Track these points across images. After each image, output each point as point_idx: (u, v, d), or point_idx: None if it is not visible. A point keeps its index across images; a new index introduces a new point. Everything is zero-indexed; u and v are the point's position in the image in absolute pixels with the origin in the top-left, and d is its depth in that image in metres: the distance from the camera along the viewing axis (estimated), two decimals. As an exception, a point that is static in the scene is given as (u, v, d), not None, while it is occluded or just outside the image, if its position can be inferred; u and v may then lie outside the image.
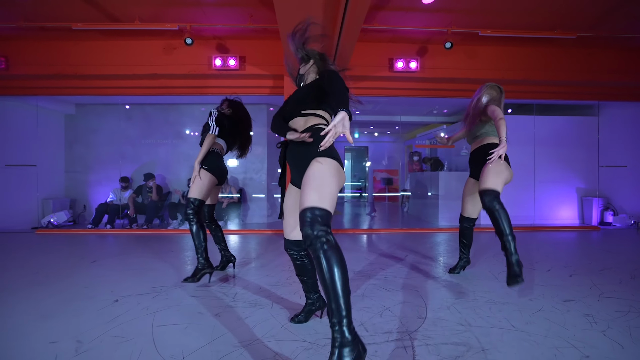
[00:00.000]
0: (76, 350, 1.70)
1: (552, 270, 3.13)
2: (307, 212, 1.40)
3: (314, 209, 1.40)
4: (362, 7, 2.73)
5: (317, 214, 1.39)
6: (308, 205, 1.41)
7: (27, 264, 3.38)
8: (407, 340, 1.80)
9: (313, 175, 1.49)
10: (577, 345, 1.75)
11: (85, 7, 3.74)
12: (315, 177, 1.48)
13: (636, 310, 2.19)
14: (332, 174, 1.51)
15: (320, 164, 1.52)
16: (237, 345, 1.75)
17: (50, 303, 2.32)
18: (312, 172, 1.52)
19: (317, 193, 1.43)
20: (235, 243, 4.49)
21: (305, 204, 1.42)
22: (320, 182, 1.47)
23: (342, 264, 1.33)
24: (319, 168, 1.51)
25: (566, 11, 3.83)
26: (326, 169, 1.51)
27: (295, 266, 1.93)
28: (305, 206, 1.42)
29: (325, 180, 1.47)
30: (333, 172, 1.52)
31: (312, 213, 1.39)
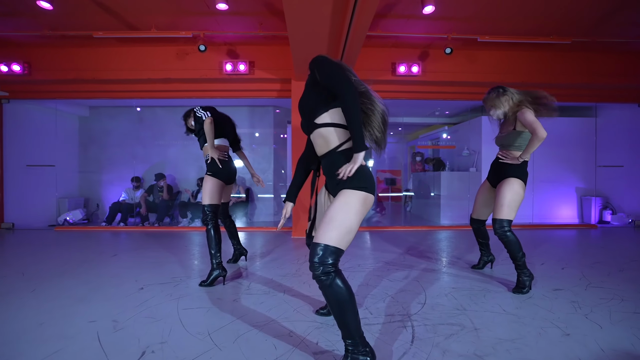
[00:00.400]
0: (114, 327, 1.92)
1: (546, 264, 3.32)
2: (319, 247, 1.40)
3: (329, 247, 1.39)
4: (367, 16, 2.93)
5: (330, 251, 1.39)
6: (324, 242, 1.40)
7: (53, 257, 3.62)
8: (408, 321, 2.00)
9: (338, 210, 1.44)
10: (560, 325, 1.95)
11: (106, 17, 3.98)
12: (338, 212, 1.43)
13: (619, 298, 2.38)
14: (357, 210, 1.45)
15: (348, 198, 1.46)
16: (256, 324, 1.97)
17: (82, 290, 2.54)
18: (338, 206, 1.45)
19: (337, 232, 1.40)
20: (244, 239, 4.70)
21: (322, 240, 1.40)
22: (342, 219, 1.42)
23: (348, 298, 1.39)
24: (346, 203, 1.45)
25: (561, 18, 4.01)
26: (353, 204, 1.45)
27: None
28: (320, 241, 1.41)
29: (349, 218, 1.43)
30: (359, 207, 1.45)
31: (324, 250, 1.39)
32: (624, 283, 2.71)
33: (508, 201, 2.52)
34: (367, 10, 2.82)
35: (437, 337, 1.80)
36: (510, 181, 2.56)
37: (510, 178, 2.57)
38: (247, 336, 1.81)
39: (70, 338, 1.79)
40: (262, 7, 3.85)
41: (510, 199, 2.52)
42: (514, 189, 2.53)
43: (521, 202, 2.57)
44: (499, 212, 2.54)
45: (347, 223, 1.42)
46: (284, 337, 1.81)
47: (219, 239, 2.75)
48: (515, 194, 2.52)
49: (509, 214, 2.52)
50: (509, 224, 2.53)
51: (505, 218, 2.52)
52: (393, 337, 1.80)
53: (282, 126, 7.17)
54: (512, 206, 2.52)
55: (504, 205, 2.53)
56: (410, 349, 1.68)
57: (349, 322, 1.40)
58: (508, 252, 2.58)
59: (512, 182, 2.55)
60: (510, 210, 2.52)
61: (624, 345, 1.72)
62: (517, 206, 2.54)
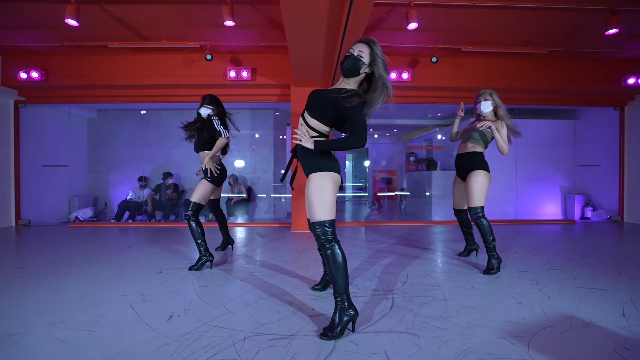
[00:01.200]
0: (143, 299, 2.29)
1: (519, 252, 3.71)
2: (316, 226, 1.79)
3: (322, 222, 1.78)
4: (359, 29, 3.30)
5: (326, 226, 1.78)
6: (316, 220, 1.79)
7: (74, 248, 3.98)
8: (389, 295, 2.39)
9: (312, 192, 1.81)
10: (515, 296, 2.34)
11: (121, 30, 4.35)
12: (314, 194, 1.80)
13: (572, 277, 2.76)
14: (325, 187, 1.80)
15: (314, 181, 1.82)
16: (261, 297, 2.34)
17: (108, 273, 2.92)
18: (310, 189, 1.82)
19: (320, 208, 1.78)
20: (245, 233, 5.07)
21: (314, 219, 1.79)
22: (319, 198, 1.79)
23: (341, 260, 1.76)
24: (314, 185, 1.81)
25: (535, 31, 4.41)
26: (321, 184, 1.81)
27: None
28: (313, 220, 1.80)
29: (324, 195, 1.79)
30: (326, 185, 1.81)
31: (320, 226, 1.78)
32: (582, 267, 3.10)
33: (476, 191, 2.94)
34: (359, 24, 3.19)
35: (411, 305, 2.19)
36: (475, 173, 2.99)
37: (474, 171, 3.00)
38: (254, 305, 2.19)
39: (108, 307, 2.16)
40: (264, 20, 4.23)
41: (478, 189, 2.94)
42: (479, 179, 2.96)
43: (488, 188, 3.00)
44: (471, 202, 2.96)
45: (324, 198, 1.79)
46: (285, 305, 2.19)
47: (202, 230, 3.10)
48: (481, 183, 2.95)
49: (479, 202, 2.94)
50: (482, 210, 2.94)
51: (478, 205, 2.94)
52: (375, 305, 2.18)
53: (281, 128, 7.54)
54: (481, 194, 2.94)
55: (474, 195, 2.95)
56: (388, 313, 2.06)
57: (341, 280, 1.77)
58: (481, 236, 2.96)
59: (477, 174, 2.98)
60: (479, 198, 2.93)
61: (563, 310, 2.10)
62: (484, 193, 2.96)
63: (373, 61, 1.83)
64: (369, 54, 1.84)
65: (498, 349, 1.62)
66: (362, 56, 1.84)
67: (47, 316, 2.01)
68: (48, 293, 2.42)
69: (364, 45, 1.86)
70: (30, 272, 2.96)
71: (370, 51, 1.83)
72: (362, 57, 1.84)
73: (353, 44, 1.90)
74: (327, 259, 1.79)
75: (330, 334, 1.72)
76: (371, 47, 1.84)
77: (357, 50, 1.86)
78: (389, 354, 1.58)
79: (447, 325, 1.88)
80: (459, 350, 1.61)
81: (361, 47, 1.85)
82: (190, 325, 1.88)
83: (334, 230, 1.82)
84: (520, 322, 1.92)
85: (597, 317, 1.99)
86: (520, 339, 1.72)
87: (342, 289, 1.78)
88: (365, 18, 3.05)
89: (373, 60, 1.83)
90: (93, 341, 1.71)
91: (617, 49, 4.88)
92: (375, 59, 1.82)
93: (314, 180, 1.84)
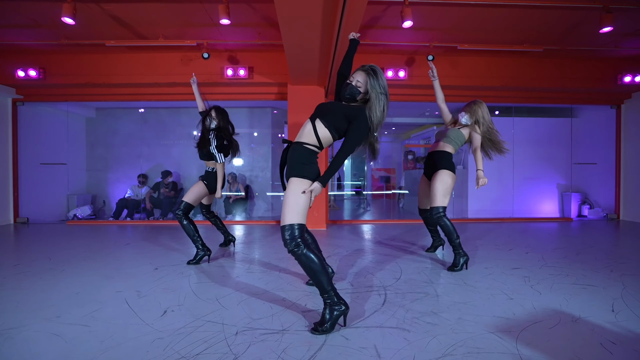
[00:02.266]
0: (138, 295, 2.32)
1: (513, 250, 3.73)
2: (286, 228, 1.77)
3: (291, 226, 1.77)
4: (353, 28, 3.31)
5: (295, 229, 1.77)
6: (286, 223, 1.78)
7: (72, 246, 4.00)
8: (382, 291, 2.41)
9: (289, 195, 1.81)
10: (507, 292, 2.36)
11: (119, 28, 4.36)
12: (290, 197, 1.80)
13: (565, 274, 2.79)
14: (299, 193, 1.79)
15: (293, 185, 1.81)
16: (255, 293, 2.37)
17: (105, 270, 2.94)
18: (289, 193, 1.82)
19: (292, 210, 1.78)
20: (243, 231, 5.10)
21: (283, 222, 1.79)
22: (293, 201, 1.79)
23: (316, 262, 1.76)
24: (292, 189, 1.81)
25: (531, 29, 4.42)
26: (298, 189, 1.80)
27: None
28: (284, 223, 1.78)
29: (299, 199, 1.79)
30: (300, 190, 1.80)
31: (290, 229, 1.77)
32: (574, 264, 3.12)
33: (440, 191, 2.96)
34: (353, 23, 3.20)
35: (404, 301, 2.21)
36: (440, 173, 3.00)
37: (440, 170, 3.01)
38: (248, 301, 2.22)
39: (103, 302, 2.19)
40: (261, 19, 4.24)
41: (441, 189, 2.96)
42: (443, 179, 2.97)
43: (452, 189, 3.01)
44: (433, 201, 2.98)
45: (299, 202, 1.79)
46: (279, 301, 2.22)
47: (194, 227, 3.17)
48: (445, 183, 2.96)
49: (442, 202, 2.96)
50: (443, 209, 2.96)
51: (440, 205, 2.95)
52: (368, 301, 2.21)
53: (279, 126, 7.56)
54: (443, 194, 2.95)
55: (436, 194, 2.97)
56: (380, 308, 2.09)
57: (322, 280, 1.78)
58: (445, 235, 2.98)
59: (441, 174, 2.99)
60: (443, 198, 2.95)
61: (553, 305, 2.12)
62: (448, 193, 2.97)
63: (370, 91, 1.86)
64: (366, 83, 1.87)
65: (486, 343, 1.65)
66: (359, 86, 1.90)
67: (43, 311, 2.04)
68: (45, 289, 2.44)
69: (363, 75, 1.89)
70: (28, 268, 2.98)
71: (367, 81, 1.86)
72: (359, 87, 1.90)
73: (355, 71, 1.94)
74: (302, 264, 1.79)
75: (321, 328, 1.75)
76: (369, 77, 1.86)
77: (355, 80, 1.90)
78: (378, 348, 1.61)
79: (437, 321, 1.91)
80: (447, 345, 1.63)
81: (359, 77, 1.90)
82: (184, 320, 1.91)
83: (303, 235, 1.80)
84: (510, 318, 1.94)
85: (587, 312, 2.01)
86: (509, 333, 1.75)
87: (327, 287, 1.79)
88: (359, 17, 3.06)
89: (370, 91, 1.86)
90: (88, 335, 1.73)
91: (613, 47, 4.90)
92: (371, 90, 1.85)
93: (293, 184, 1.83)
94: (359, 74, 1.91)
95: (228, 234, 3.83)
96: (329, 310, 1.78)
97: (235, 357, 1.52)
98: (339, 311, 1.79)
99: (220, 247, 3.83)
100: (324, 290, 1.80)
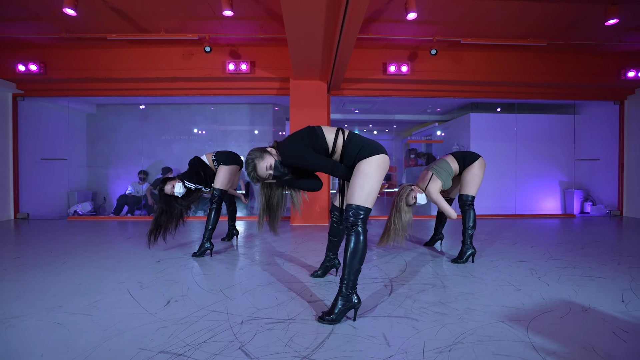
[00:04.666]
0: (141, 286, 2.29)
1: (518, 244, 3.70)
2: (352, 208, 1.78)
3: (358, 207, 1.77)
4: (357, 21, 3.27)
5: (360, 211, 1.78)
6: (353, 203, 1.79)
7: (73, 240, 3.97)
8: (388, 282, 2.38)
9: (357, 177, 1.83)
10: (514, 284, 2.33)
11: (120, 21, 4.33)
12: (359, 179, 1.82)
13: (571, 267, 2.76)
14: (371, 174, 1.83)
15: (362, 167, 1.85)
16: (260, 283, 2.34)
17: (107, 262, 2.91)
18: (357, 174, 1.84)
19: (362, 193, 1.79)
20: (244, 226, 5.06)
21: (353, 202, 1.79)
22: (361, 184, 1.80)
23: (363, 247, 1.74)
24: (363, 171, 1.83)
25: (535, 23, 4.39)
26: (370, 171, 1.82)
27: (331, 227, 2.41)
28: (351, 202, 1.80)
29: (370, 181, 1.81)
30: (372, 172, 1.84)
31: (356, 209, 1.76)
32: (580, 257, 3.09)
33: (475, 182, 2.96)
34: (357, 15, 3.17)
35: (410, 292, 2.18)
36: (478, 162, 3.01)
37: (477, 160, 3.01)
38: (252, 292, 2.19)
39: (105, 293, 2.16)
40: (263, 12, 4.21)
41: (477, 180, 2.97)
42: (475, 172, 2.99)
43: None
44: (466, 190, 2.97)
45: (367, 187, 1.78)
46: (284, 292, 2.19)
47: (217, 220, 3.12)
48: (477, 176, 2.98)
49: (473, 191, 2.96)
50: (472, 198, 2.96)
51: (470, 194, 2.94)
52: (374, 292, 2.18)
53: (281, 123, 7.52)
54: (477, 185, 2.97)
55: (470, 184, 2.96)
56: (387, 299, 2.06)
57: (355, 264, 1.73)
58: (465, 222, 2.95)
59: (479, 162, 3.01)
60: (475, 188, 2.96)
61: (562, 296, 2.10)
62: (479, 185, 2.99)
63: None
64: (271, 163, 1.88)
65: (496, 332, 1.62)
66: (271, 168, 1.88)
67: (44, 301, 2.01)
68: (46, 280, 2.41)
69: (264, 160, 1.87)
70: (29, 261, 2.95)
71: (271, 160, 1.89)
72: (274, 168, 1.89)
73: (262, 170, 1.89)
74: (349, 241, 1.75)
75: (328, 317, 1.71)
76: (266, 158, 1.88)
77: (268, 173, 1.88)
78: (387, 337, 1.58)
79: (445, 310, 1.88)
80: (457, 333, 1.60)
81: (267, 162, 1.87)
82: (188, 310, 1.88)
83: (366, 220, 1.79)
84: (519, 308, 1.91)
85: (596, 302, 1.99)
86: (519, 322, 1.72)
87: (352, 275, 1.74)
88: (363, 8, 3.03)
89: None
90: (90, 324, 1.70)
91: (617, 42, 4.86)
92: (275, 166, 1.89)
93: (362, 166, 1.82)
94: (264, 164, 1.87)
95: (234, 227, 3.83)
96: (342, 300, 1.73)
97: (242, 345, 1.49)
98: (350, 304, 1.74)
99: (222, 241, 3.80)
100: (349, 274, 1.73)
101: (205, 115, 7.36)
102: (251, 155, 1.88)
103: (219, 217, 3.15)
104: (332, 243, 2.45)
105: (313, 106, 5.27)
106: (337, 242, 2.44)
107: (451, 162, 3.04)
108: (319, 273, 2.48)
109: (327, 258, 2.49)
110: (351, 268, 1.74)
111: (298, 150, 1.84)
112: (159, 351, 1.44)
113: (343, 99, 6.51)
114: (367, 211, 1.79)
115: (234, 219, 3.84)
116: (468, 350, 1.45)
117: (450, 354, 1.42)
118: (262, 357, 1.40)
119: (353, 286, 1.75)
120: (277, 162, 1.88)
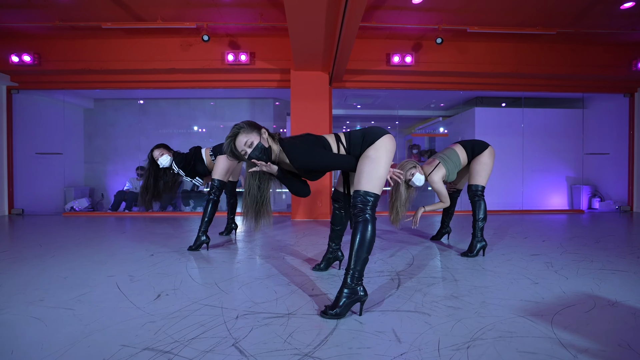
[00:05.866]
0: (131, 279, 2.14)
1: (529, 238, 3.54)
2: (360, 194, 1.68)
3: (367, 192, 1.66)
4: (360, 6, 3.13)
5: (369, 196, 1.66)
6: (361, 189, 1.68)
7: (66, 234, 3.82)
8: (395, 276, 2.23)
9: (365, 163, 1.75)
10: (530, 277, 2.17)
11: (115, 9, 4.18)
12: (366, 165, 1.73)
13: (589, 260, 2.60)
14: (379, 160, 1.74)
15: (369, 152, 1.77)
16: (258, 277, 2.19)
17: (98, 256, 2.76)
18: (363, 160, 1.76)
19: (369, 179, 1.69)
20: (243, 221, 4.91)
21: (361, 187, 1.69)
22: (369, 169, 1.71)
23: (370, 237, 1.61)
24: (369, 157, 1.75)
25: (545, 9, 4.22)
26: (375, 157, 1.74)
27: (333, 215, 2.27)
28: (359, 188, 1.69)
29: (378, 166, 1.72)
30: (380, 157, 1.76)
31: (364, 195, 1.66)
32: (596, 250, 2.93)
33: (485, 171, 2.81)
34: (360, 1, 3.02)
35: (420, 285, 2.03)
36: (485, 152, 2.87)
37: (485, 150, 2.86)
38: (250, 285, 2.04)
39: (92, 286, 2.01)
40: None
41: (487, 169, 2.83)
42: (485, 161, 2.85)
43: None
44: (475, 180, 2.82)
45: (375, 172, 1.69)
46: (283, 285, 2.03)
47: (214, 212, 2.97)
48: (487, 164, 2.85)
49: (483, 181, 2.82)
50: (482, 189, 2.82)
51: (480, 184, 2.80)
52: (381, 286, 2.03)
53: (282, 119, 7.36)
54: (487, 175, 2.83)
55: (480, 173, 2.83)
56: (395, 292, 1.91)
57: (362, 254, 1.59)
58: (475, 213, 2.81)
59: (488, 151, 2.87)
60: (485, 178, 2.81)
61: (584, 290, 1.94)
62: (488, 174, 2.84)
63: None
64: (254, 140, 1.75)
65: (518, 327, 1.46)
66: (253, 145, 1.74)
67: (25, 295, 1.86)
68: (31, 274, 2.27)
69: (248, 136, 1.74)
70: (17, 254, 2.81)
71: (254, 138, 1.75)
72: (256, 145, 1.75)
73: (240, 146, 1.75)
74: (356, 229, 1.62)
75: (331, 312, 1.56)
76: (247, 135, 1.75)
77: (244, 149, 1.74)
78: (397, 333, 1.42)
79: (459, 305, 1.72)
80: (474, 329, 1.45)
81: (250, 139, 1.74)
82: (179, 304, 1.73)
83: (374, 207, 1.68)
84: (540, 302, 1.76)
85: (623, 296, 1.83)
86: (541, 317, 1.56)
87: (359, 265, 1.60)
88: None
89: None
90: (71, 319, 1.55)
91: (629, 30, 4.69)
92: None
93: (370, 152, 1.73)
94: (243, 140, 1.73)
95: (233, 221, 3.69)
96: (347, 292, 1.58)
97: (236, 342, 1.34)
98: (356, 296, 1.59)
99: (220, 235, 3.65)
100: (356, 265, 1.59)
101: (205, 110, 7.22)
102: (239, 124, 1.74)
103: (216, 210, 3.00)
104: (334, 232, 2.29)
105: (314, 98, 5.11)
106: (341, 230, 2.29)
107: (459, 152, 2.89)
108: (322, 266, 2.33)
109: (330, 249, 2.34)
110: (358, 257, 1.59)
111: (312, 151, 1.73)
112: (143, 348, 1.29)
113: (345, 92, 6.35)
114: (376, 197, 1.66)
115: (234, 212, 3.69)
116: (489, 347, 1.29)
117: (469, 351, 1.27)
118: (259, 355, 1.25)
119: (359, 277, 1.60)
120: (260, 145, 1.74)
